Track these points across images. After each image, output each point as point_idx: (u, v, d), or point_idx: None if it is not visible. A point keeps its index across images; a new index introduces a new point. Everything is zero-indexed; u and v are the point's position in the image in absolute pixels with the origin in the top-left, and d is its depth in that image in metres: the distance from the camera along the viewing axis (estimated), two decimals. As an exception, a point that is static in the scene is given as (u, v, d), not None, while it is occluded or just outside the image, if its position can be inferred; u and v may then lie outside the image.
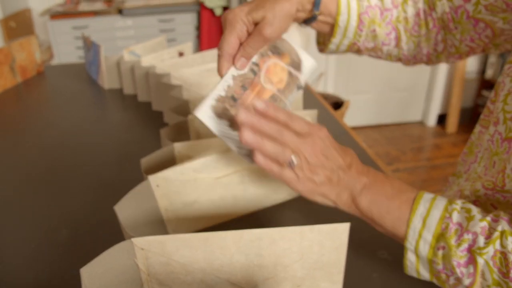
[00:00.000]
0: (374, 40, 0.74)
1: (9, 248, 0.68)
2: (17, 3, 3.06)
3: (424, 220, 0.49)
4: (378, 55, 0.78)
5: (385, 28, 0.74)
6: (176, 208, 0.62)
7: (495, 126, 0.62)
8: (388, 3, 0.74)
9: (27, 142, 1.07)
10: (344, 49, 0.77)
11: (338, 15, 0.71)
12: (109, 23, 3.12)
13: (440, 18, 0.72)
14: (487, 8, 0.65)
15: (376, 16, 0.73)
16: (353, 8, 0.72)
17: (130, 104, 1.28)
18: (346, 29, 0.73)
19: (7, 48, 1.41)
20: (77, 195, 0.83)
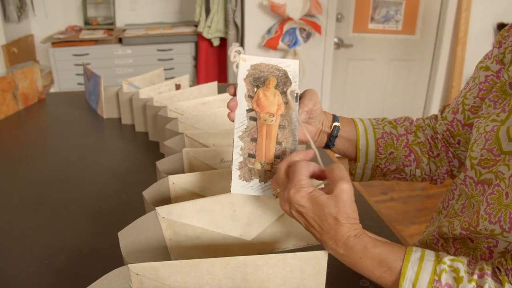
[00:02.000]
0: (394, 162, 0.81)
1: (8, 272, 0.72)
2: (20, 30, 3.14)
3: (413, 284, 0.50)
4: (403, 176, 0.83)
5: (403, 151, 0.81)
6: (179, 240, 0.66)
7: (464, 172, 0.68)
8: (402, 130, 0.82)
9: (27, 168, 1.12)
10: (369, 172, 0.83)
11: (357, 141, 0.81)
12: (109, 51, 3.20)
13: (442, 138, 0.81)
14: (471, 111, 0.75)
15: (393, 141, 0.81)
16: (370, 134, 0.81)
17: (128, 134, 1.34)
18: (367, 153, 0.81)
19: (11, 76, 1.47)
20: (74, 222, 0.87)
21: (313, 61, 3.01)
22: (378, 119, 0.85)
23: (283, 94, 0.64)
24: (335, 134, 0.80)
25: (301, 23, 2.73)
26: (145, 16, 3.63)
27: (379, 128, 0.82)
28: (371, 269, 0.53)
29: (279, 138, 0.64)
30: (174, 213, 0.63)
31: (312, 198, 0.54)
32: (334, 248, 0.54)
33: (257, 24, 2.87)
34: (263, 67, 0.64)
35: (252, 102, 0.63)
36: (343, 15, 2.99)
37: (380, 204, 2.90)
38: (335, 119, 0.80)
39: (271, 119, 0.63)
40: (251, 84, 0.64)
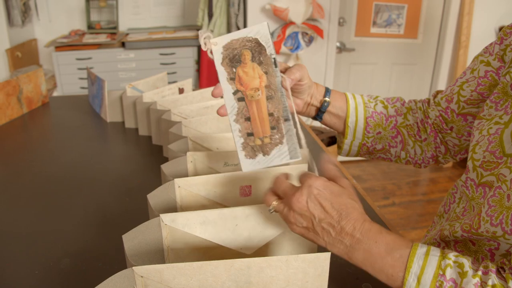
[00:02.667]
0: (381, 141, 0.83)
1: (13, 274, 0.73)
2: (24, 34, 3.16)
3: (418, 278, 0.51)
4: (388, 156, 0.86)
5: (390, 132, 0.83)
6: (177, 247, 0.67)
7: (466, 173, 0.68)
8: (392, 111, 0.84)
9: (31, 172, 1.13)
10: (356, 149, 0.86)
11: (347, 117, 0.82)
12: (112, 55, 3.21)
13: (434, 123, 0.82)
14: (467, 103, 0.76)
15: (382, 121, 0.83)
16: (360, 112, 0.82)
17: (131, 137, 1.34)
18: (355, 130, 0.83)
19: (15, 80, 1.48)
20: (79, 225, 0.88)
21: (315, 65, 3.02)
22: (370, 97, 0.86)
23: (261, 64, 0.63)
24: (323, 109, 0.81)
25: (303, 27, 2.74)
26: (148, 20, 3.65)
27: (369, 107, 0.84)
28: (385, 255, 0.53)
29: (270, 109, 0.64)
30: (178, 222, 0.64)
31: (329, 185, 0.57)
32: (351, 233, 0.55)
33: (259, 28, 2.88)
34: (235, 44, 0.62)
35: (235, 83, 0.63)
36: (345, 19, 3.00)
37: (382, 209, 2.90)
38: (326, 93, 0.81)
39: (257, 94, 0.63)
40: (229, 66, 0.63)
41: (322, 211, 0.56)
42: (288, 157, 0.63)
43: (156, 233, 0.65)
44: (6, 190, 1.03)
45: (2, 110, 1.42)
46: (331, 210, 0.55)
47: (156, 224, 0.64)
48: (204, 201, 0.80)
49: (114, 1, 3.37)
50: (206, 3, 3.04)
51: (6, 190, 1.03)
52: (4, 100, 1.43)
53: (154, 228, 0.64)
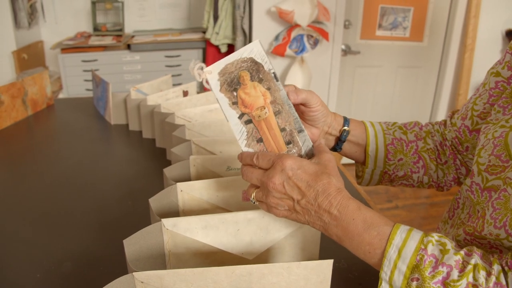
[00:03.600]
0: (403, 168, 0.81)
1: (15, 277, 0.73)
2: (31, 36, 3.18)
3: (399, 250, 0.51)
4: (410, 182, 0.83)
5: (412, 158, 0.81)
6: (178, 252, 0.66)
7: (471, 178, 0.67)
8: (412, 137, 0.82)
9: (34, 174, 1.13)
10: (377, 178, 0.84)
11: (367, 146, 0.80)
12: (118, 57, 3.22)
13: (451, 145, 0.81)
14: (480, 117, 0.75)
15: (402, 147, 0.81)
16: (380, 139, 0.81)
17: (135, 140, 1.34)
18: (376, 159, 0.81)
19: (20, 82, 1.48)
20: (81, 229, 0.88)
21: (320, 68, 3.01)
22: (388, 124, 0.85)
23: (262, 81, 0.61)
24: (343, 139, 0.80)
25: (308, 29, 2.74)
26: (154, 23, 3.66)
27: (389, 134, 0.82)
28: (362, 232, 0.53)
29: (281, 124, 0.62)
30: (179, 226, 0.63)
31: (303, 163, 0.57)
32: (328, 210, 0.55)
33: (264, 30, 2.88)
34: (230, 68, 0.61)
35: (238, 107, 0.62)
36: (350, 22, 3.00)
37: (385, 211, 2.88)
38: (345, 123, 0.80)
39: (264, 112, 0.62)
40: (229, 91, 0.61)
41: (299, 191, 0.56)
42: None
43: (158, 238, 0.65)
44: (9, 192, 1.03)
45: (7, 112, 1.43)
46: (307, 189, 0.55)
47: (157, 229, 0.64)
48: (206, 205, 0.80)
49: (120, 4, 3.38)
50: (211, 5, 3.04)
51: (9, 192, 1.03)
52: (9, 102, 1.43)
53: (155, 232, 0.64)
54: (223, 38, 3.10)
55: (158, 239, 0.65)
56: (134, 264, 0.58)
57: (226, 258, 0.66)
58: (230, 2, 2.95)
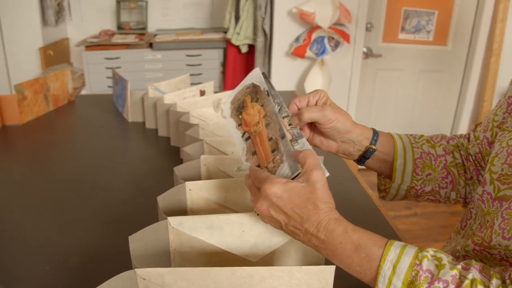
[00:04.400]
0: (430, 183, 0.78)
1: (26, 266, 0.74)
2: (57, 33, 3.25)
3: (394, 266, 0.50)
4: (437, 198, 0.81)
5: (440, 173, 0.78)
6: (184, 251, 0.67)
7: (483, 186, 0.66)
8: (440, 151, 0.79)
9: (51, 168, 1.15)
10: (403, 193, 0.80)
11: (395, 160, 0.78)
12: (140, 55, 3.27)
13: (474, 160, 0.77)
14: (499, 127, 0.72)
15: (431, 161, 0.78)
16: (408, 153, 0.78)
17: (151, 138, 1.36)
18: (403, 173, 0.78)
19: (43, 78, 1.52)
20: (91, 224, 0.89)
21: (340, 71, 2.99)
22: (415, 137, 0.82)
23: (258, 100, 0.67)
24: (368, 156, 0.77)
25: (329, 31, 2.73)
26: (177, 22, 3.69)
27: (417, 147, 0.79)
28: (351, 255, 0.53)
29: (269, 134, 0.65)
30: (185, 225, 0.64)
31: (288, 188, 0.55)
32: (315, 235, 0.54)
33: (285, 31, 2.87)
34: (238, 96, 0.69)
35: (241, 128, 0.68)
36: (373, 25, 2.97)
37: (403, 219, 2.84)
38: (373, 139, 0.76)
39: (258, 127, 0.66)
40: (236, 115, 0.69)
41: (285, 216, 0.56)
42: (289, 173, 0.62)
43: (163, 236, 0.66)
44: (26, 184, 1.05)
45: (29, 107, 1.46)
46: (293, 214, 0.55)
47: (163, 227, 0.65)
48: (214, 205, 0.81)
49: (144, 3, 3.43)
50: (233, 5, 3.06)
51: (26, 184, 1.06)
52: (32, 97, 1.47)
53: (161, 230, 0.65)
54: (244, 38, 3.11)
55: (164, 237, 0.66)
56: (137, 261, 0.59)
57: (231, 259, 0.66)
58: (251, 3, 2.96)
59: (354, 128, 0.73)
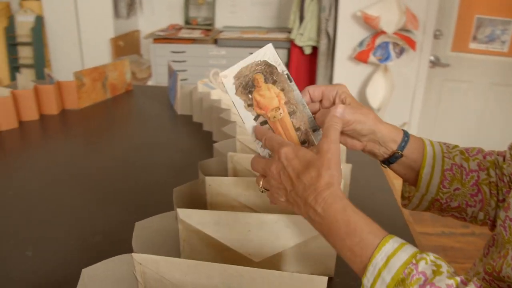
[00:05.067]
0: (457, 199, 0.72)
1: (51, 240, 0.80)
2: (128, 25, 3.43)
3: (388, 258, 0.47)
4: (462, 216, 0.74)
5: (470, 189, 0.71)
6: (192, 243, 0.69)
7: (506, 211, 0.60)
8: (474, 165, 0.72)
9: (98, 153, 1.23)
10: (426, 204, 0.75)
11: (422, 168, 0.71)
12: (205, 50, 3.36)
13: (509, 181, 0.70)
14: None
15: (461, 175, 0.71)
16: (438, 162, 0.71)
17: (195, 131, 1.40)
18: (429, 183, 0.72)
19: (102, 67, 1.61)
20: (121, 207, 0.94)
21: (404, 79, 2.89)
22: (449, 146, 0.75)
23: (276, 82, 0.62)
24: (392, 161, 0.72)
25: (394, 37, 2.64)
26: (244, 19, 3.75)
27: (449, 158, 0.72)
28: (344, 237, 0.50)
29: (295, 124, 0.63)
30: (193, 218, 0.65)
31: (298, 151, 0.55)
32: (313, 206, 0.52)
33: (349, 35, 2.82)
34: (244, 71, 0.62)
35: (254, 109, 0.63)
36: (442, 32, 2.83)
37: (459, 237, 2.69)
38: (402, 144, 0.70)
39: (279, 113, 0.62)
40: (244, 94, 0.62)
41: (291, 182, 0.54)
42: None
43: (172, 225, 0.68)
44: (71, 167, 1.13)
45: (87, 94, 1.56)
46: (297, 181, 0.54)
47: (172, 217, 0.67)
48: (234, 202, 0.82)
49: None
50: (298, 6, 3.05)
51: (72, 166, 1.13)
52: (90, 84, 1.56)
53: (169, 220, 0.67)
54: (307, 39, 3.09)
55: (173, 227, 0.68)
56: (136, 246, 0.62)
57: (234, 256, 0.67)
58: (316, 4, 2.94)
59: (379, 128, 0.68)
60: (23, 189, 1.00)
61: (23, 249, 0.77)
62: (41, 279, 0.70)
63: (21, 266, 0.73)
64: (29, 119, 1.42)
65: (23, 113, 1.41)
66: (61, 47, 3.25)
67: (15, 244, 0.79)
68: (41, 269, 0.73)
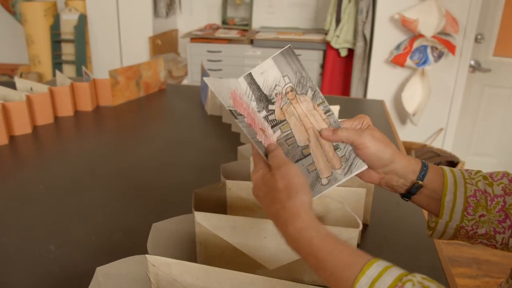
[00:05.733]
0: (484, 225, 0.69)
1: (74, 234, 0.83)
2: (167, 24, 3.49)
3: (372, 282, 0.46)
4: (492, 243, 0.71)
5: (497, 215, 0.69)
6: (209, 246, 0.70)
7: None
8: (498, 190, 0.69)
9: (128, 149, 1.26)
10: (451, 232, 0.72)
11: (443, 195, 0.69)
12: (240, 51, 3.38)
13: None
14: None
15: (486, 201, 0.69)
16: (460, 189, 0.69)
17: (223, 132, 1.41)
18: (452, 211, 0.69)
19: (137, 66, 1.65)
20: (144, 204, 0.96)
21: (443, 83, 2.80)
22: (471, 172, 0.72)
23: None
24: (413, 191, 0.70)
25: (433, 41, 2.57)
26: (281, 20, 3.74)
27: (471, 184, 0.69)
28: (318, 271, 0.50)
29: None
30: (209, 222, 0.66)
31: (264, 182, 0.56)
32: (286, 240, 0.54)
33: (386, 38, 2.77)
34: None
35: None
36: (483, 36, 2.73)
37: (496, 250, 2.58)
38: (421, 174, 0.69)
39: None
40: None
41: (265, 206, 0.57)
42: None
43: (189, 228, 0.69)
44: (102, 162, 1.16)
45: (121, 92, 1.60)
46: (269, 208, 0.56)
47: (190, 220, 0.68)
48: (253, 206, 0.82)
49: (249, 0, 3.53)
50: (335, 7, 3.02)
51: (102, 162, 1.16)
52: (124, 82, 1.60)
53: (187, 223, 0.68)
54: (344, 42, 3.06)
55: (190, 230, 0.69)
56: (151, 247, 0.63)
57: (248, 262, 0.67)
58: (353, 6, 2.90)
59: (398, 158, 0.67)
60: (53, 184, 1.04)
61: (48, 242, 0.80)
62: (59, 274, 0.73)
63: (44, 260, 0.76)
64: (65, 115, 1.47)
65: (59, 109, 1.46)
66: (102, 45, 3.35)
67: (41, 237, 0.82)
68: (62, 264, 0.75)
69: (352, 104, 1.87)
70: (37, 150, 1.28)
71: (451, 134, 3.00)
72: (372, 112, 1.73)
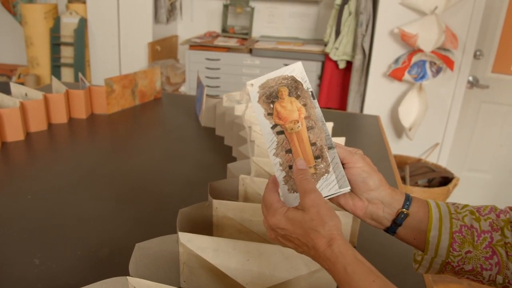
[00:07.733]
0: (471, 262, 0.67)
1: (58, 249, 0.82)
2: (167, 30, 3.50)
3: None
4: (479, 279, 0.69)
5: (483, 252, 0.67)
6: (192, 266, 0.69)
7: None
8: (486, 226, 0.68)
9: (119, 159, 1.25)
10: (437, 268, 0.71)
11: (428, 231, 0.69)
12: (239, 59, 3.38)
13: None
14: None
15: (473, 237, 0.68)
16: (445, 224, 0.68)
17: (216, 145, 1.41)
18: (437, 246, 0.68)
19: (133, 75, 1.65)
20: (133, 220, 0.95)
21: (440, 99, 2.81)
22: (457, 206, 0.71)
23: (299, 97, 0.65)
24: (399, 222, 0.69)
25: (432, 56, 2.57)
26: (281, 30, 3.75)
27: (457, 219, 0.69)
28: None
29: (312, 139, 0.64)
30: (193, 243, 0.66)
31: (288, 218, 0.57)
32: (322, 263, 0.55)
33: (385, 52, 2.77)
34: (271, 83, 0.66)
35: (273, 118, 0.65)
36: (482, 53, 2.74)
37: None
38: (406, 204, 0.69)
39: (297, 126, 0.64)
40: (266, 103, 0.65)
41: (293, 244, 0.58)
42: (336, 186, 0.62)
43: (174, 248, 0.68)
44: (92, 172, 1.16)
45: (116, 100, 1.60)
46: (299, 243, 0.57)
47: (173, 240, 0.68)
48: (239, 226, 0.81)
49: (250, 9, 3.53)
50: (335, 19, 3.03)
51: (93, 171, 1.16)
52: (120, 91, 1.60)
53: (171, 243, 0.67)
54: (342, 54, 3.06)
55: (175, 249, 0.69)
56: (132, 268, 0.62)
57: (234, 284, 0.67)
58: (353, 19, 2.91)
59: (384, 187, 0.68)
60: (42, 194, 1.04)
61: (32, 256, 0.80)
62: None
63: (28, 274, 0.75)
64: (59, 122, 1.47)
65: (53, 116, 1.46)
66: (101, 49, 3.35)
67: (26, 250, 0.82)
68: (45, 279, 0.74)
69: (347, 119, 1.87)
70: (28, 157, 1.27)
71: (447, 149, 3.00)
72: (367, 127, 1.73)
